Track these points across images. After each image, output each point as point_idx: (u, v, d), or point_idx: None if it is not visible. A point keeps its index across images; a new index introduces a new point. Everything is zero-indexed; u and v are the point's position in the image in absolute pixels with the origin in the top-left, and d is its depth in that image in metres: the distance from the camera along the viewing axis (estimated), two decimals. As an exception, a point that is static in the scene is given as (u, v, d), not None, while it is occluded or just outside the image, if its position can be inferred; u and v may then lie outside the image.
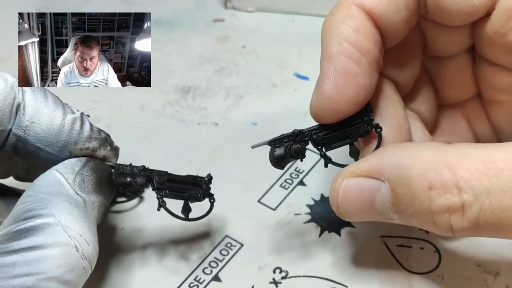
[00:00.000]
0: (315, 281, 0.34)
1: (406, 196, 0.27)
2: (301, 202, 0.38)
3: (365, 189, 0.29)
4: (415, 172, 0.27)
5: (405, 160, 0.27)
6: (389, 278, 0.33)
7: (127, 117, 0.43)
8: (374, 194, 0.28)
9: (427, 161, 0.27)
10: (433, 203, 0.27)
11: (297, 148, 0.30)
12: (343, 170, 0.29)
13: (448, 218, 0.27)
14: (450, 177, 0.26)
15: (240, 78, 0.46)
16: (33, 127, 0.30)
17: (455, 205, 0.26)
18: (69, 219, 0.28)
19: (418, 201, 0.27)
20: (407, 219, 0.28)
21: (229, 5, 0.52)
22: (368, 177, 0.28)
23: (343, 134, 0.31)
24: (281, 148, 0.30)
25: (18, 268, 0.26)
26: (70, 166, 0.30)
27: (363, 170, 0.29)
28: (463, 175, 0.26)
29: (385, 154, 0.28)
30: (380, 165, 0.28)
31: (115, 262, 0.35)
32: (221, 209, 0.37)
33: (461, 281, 0.33)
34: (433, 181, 0.27)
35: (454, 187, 0.26)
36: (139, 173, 0.32)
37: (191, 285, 0.34)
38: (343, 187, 0.29)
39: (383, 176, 0.28)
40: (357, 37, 0.29)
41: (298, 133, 0.30)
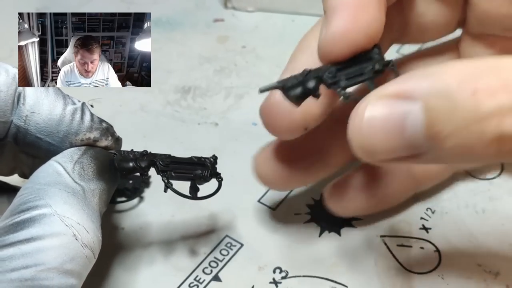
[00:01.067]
0: (315, 281, 0.34)
1: (445, 109, 0.23)
2: (301, 202, 0.38)
3: (394, 113, 0.24)
4: (454, 81, 0.23)
5: (439, 74, 0.24)
6: (389, 278, 0.33)
7: (127, 117, 0.43)
8: (404, 119, 0.24)
9: (465, 70, 0.24)
10: (481, 107, 0.23)
11: (313, 83, 0.28)
12: (367, 97, 0.25)
13: (499, 122, 0.23)
14: (496, 79, 0.23)
15: (240, 78, 0.46)
16: (33, 117, 0.30)
17: (507, 107, 0.23)
18: (66, 208, 0.27)
19: (461, 111, 0.23)
20: (442, 145, 0.24)
21: (229, 5, 0.52)
22: (397, 99, 0.24)
23: (357, 70, 0.28)
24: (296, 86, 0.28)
25: (16, 261, 0.25)
26: (69, 155, 0.30)
27: (390, 91, 0.24)
28: (510, 76, 0.23)
29: (414, 73, 0.24)
30: (409, 83, 0.24)
31: (115, 262, 0.35)
32: (221, 209, 0.37)
33: (461, 281, 0.33)
34: (478, 86, 0.23)
35: (503, 88, 0.23)
36: (141, 157, 0.31)
37: (191, 285, 0.34)
38: (367, 113, 0.24)
39: (414, 94, 0.24)
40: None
41: (309, 72, 0.28)
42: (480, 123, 0.23)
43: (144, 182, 0.39)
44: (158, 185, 0.39)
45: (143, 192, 0.39)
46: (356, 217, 0.36)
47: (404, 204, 0.37)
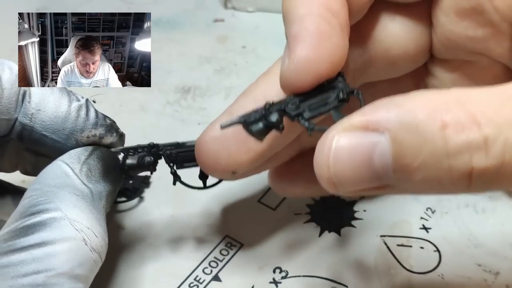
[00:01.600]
0: (315, 281, 0.34)
1: (413, 142, 0.23)
2: (301, 202, 0.38)
3: (361, 145, 0.23)
4: (422, 113, 0.22)
5: (407, 104, 0.23)
6: (389, 278, 0.33)
7: (127, 117, 0.43)
8: (372, 149, 0.23)
9: (433, 101, 0.23)
10: (450, 142, 0.22)
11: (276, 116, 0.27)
12: (333, 126, 0.24)
13: (469, 157, 0.22)
14: (466, 113, 0.22)
15: (240, 78, 0.46)
16: (39, 115, 0.30)
17: (476, 141, 0.22)
18: (76, 212, 0.27)
19: (430, 145, 0.22)
20: (410, 177, 0.23)
21: (229, 5, 0.52)
22: (364, 130, 0.23)
23: (321, 100, 0.27)
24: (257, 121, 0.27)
25: (27, 266, 0.25)
26: (76, 156, 0.30)
27: (358, 121, 0.24)
28: (479, 109, 0.22)
29: (381, 103, 0.24)
30: (377, 114, 0.23)
31: (115, 262, 0.35)
32: (221, 209, 0.37)
33: (461, 280, 0.33)
34: (447, 119, 0.22)
35: (473, 123, 0.22)
36: (147, 151, 0.31)
37: (191, 285, 0.34)
38: (335, 144, 0.24)
39: (381, 125, 0.23)
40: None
41: (271, 105, 0.27)
42: (449, 158, 0.22)
43: (144, 182, 0.39)
44: (158, 185, 0.39)
45: (143, 192, 0.39)
46: (356, 217, 0.36)
47: (404, 204, 0.37)
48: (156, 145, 0.32)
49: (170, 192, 0.38)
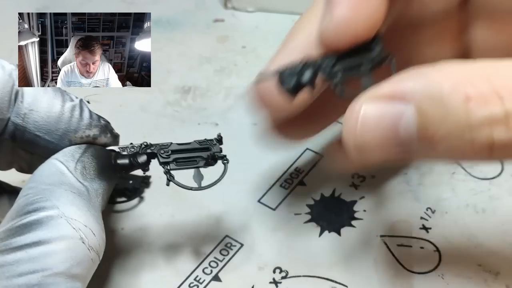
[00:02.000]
0: (315, 281, 0.34)
1: (438, 114, 0.24)
2: (301, 202, 0.38)
3: (388, 114, 0.24)
4: (446, 86, 0.23)
5: (433, 76, 0.24)
6: (389, 278, 0.33)
7: (127, 117, 0.43)
8: (398, 119, 0.24)
9: (458, 74, 0.24)
10: (473, 116, 0.23)
11: (309, 74, 0.27)
12: (361, 97, 0.25)
13: (490, 131, 0.23)
14: (489, 87, 0.23)
15: (240, 78, 0.46)
16: (31, 115, 0.29)
17: (498, 116, 0.23)
18: (73, 210, 0.27)
19: (453, 117, 0.23)
20: (433, 146, 0.24)
21: (229, 5, 0.52)
22: (391, 100, 0.24)
23: (355, 61, 0.28)
24: (292, 78, 0.27)
25: (23, 265, 0.25)
26: (70, 154, 0.29)
27: (385, 92, 0.25)
28: (502, 84, 0.23)
29: (407, 74, 0.25)
30: (403, 84, 0.24)
31: (114, 263, 0.35)
32: (221, 209, 0.37)
33: (461, 280, 0.33)
34: (470, 92, 0.23)
35: (495, 97, 0.23)
36: (140, 150, 0.31)
37: (191, 285, 0.34)
38: (362, 113, 0.25)
39: (407, 96, 0.24)
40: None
41: (307, 61, 0.28)
42: (471, 131, 0.23)
43: (144, 182, 0.39)
44: (158, 185, 0.39)
45: (143, 192, 0.39)
46: (356, 217, 0.36)
47: (404, 204, 0.37)
48: (149, 144, 0.31)
49: (170, 192, 0.38)
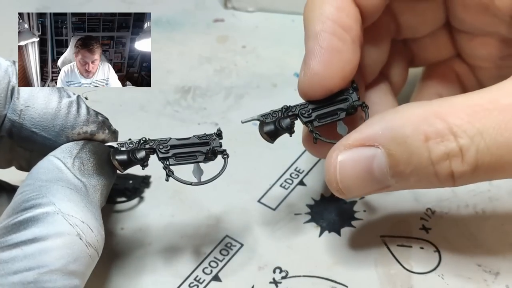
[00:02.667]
0: (315, 281, 0.34)
1: (403, 154, 0.28)
2: (301, 202, 0.38)
3: (361, 159, 0.29)
4: (408, 129, 0.27)
5: (395, 121, 0.28)
6: (389, 278, 0.33)
7: (127, 117, 0.43)
8: (371, 162, 0.29)
9: (417, 116, 0.28)
10: (432, 152, 0.27)
11: (287, 121, 0.31)
12: (335, 145, 0.30)
13: (449, 164, 0.27)
14: (444, 125, 0.27)
15: (240, 78, 0.46)
16: (28, 111, 0.29)
17: (454, 151, 0.27)
18: (70, 206, 0.27)
19: (417, 155, 0.27)
20: (406, 180, 0.29)
21: (229, 5, 0.52)
22: (362, 146, 0.29)
23: (331, 110, 0.32)
24: (270, 124, 0.31)
25: (18, 263, 0.25)
26: (68, 150, 0.29)
27: (356, 140, 0.29)
28: (455, 122, 0.27)
29: (374, 121, 0.29)
30: (372, 131, 0.28)
31: (114, 263, 0.35)
32: (221, 209, 0.37)
33: (461, 280, 0.33)
34: (428, 132, 0.27)
35: (449, 134, 0.27)
36: (138, 146, 0.30)
37: (191, 285, 0.34)
38: (339, 161, 0.29)
39: (376, 141, 0.28)
40: (339, 15, 0.31)
41: (287, 108, 0.32)
42: (434, 165, 0.27)
43: (144, 182, 0.39)
44: (158, 185, 0.39)
45: (143, 192, 0.39)
46: (356, 217, 0.36)
47: (404, 204, 0.37)
48: (147, 140, 0.31)
49: (170, 192, 0.38)
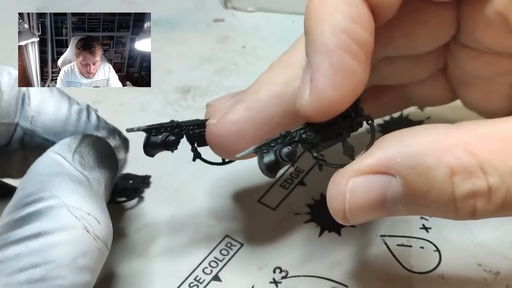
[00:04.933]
0: (315, 281, 0.34)
1: (423, 186, 0.25)
2: (301, 202, 0.38)
3: (374, 187, 0.25)
4: (430, 159, 0.24)
5: (416, 147, 0.24)
6: (389, 278, 0.33)
7: (127, 117, 0.43)
8: (384, 191, 0.25)
9: (441, 145, 0.24)
10: (457, 189, 0.24)
11: (288, 151, 0.27)
12: (345, 170, 0.26)
13: (473, 203, 0.24)
14: (473, 160, 0.24)
15: (240, 78, 0.46)
16: (39, 118, 0.29)
17: (482, 190, 0.24)
18: (74, 198, 0.26)
19: (438, 190, 0.24)
20: (418, 210, 0.26)
21: (229, 5, 0.52)
22: (376, 173, 0.25)
23: (334, 130, 0.28)
24: (270, 154, 0.27)
25: (24, 259, 0.24)
26: (66, 145, 0.28)
27: (369, 166, 0.25)
28: (485, 156, 0.24)
29: (391, 145, 0.25)
30: (388, 157, 0.25)
31: (114, 263, 0.35)
32: (221, 209, 0.37)
33: (461, 280, 0.33)
34: (454, 166, 0.24)
35: (479, 170, 0.24)
36: (170, 131, 0.31)
37: (191, 285, 0.34)
38: (349, 189, 0.25)
39: (393, 169, 0.25)
40: (354, 28, 0.26)
41: (286, 135, 0.27)
42: (456, 202, 0.25)
43: (144, 182, 0.39)
44: (158, 185, 0.39)
45: (143, 192, 0.39)
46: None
47: (404, 204, 0.37)
48: (178, 125, 0.31)
49: (170, 192, 0.38)
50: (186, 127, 0.31)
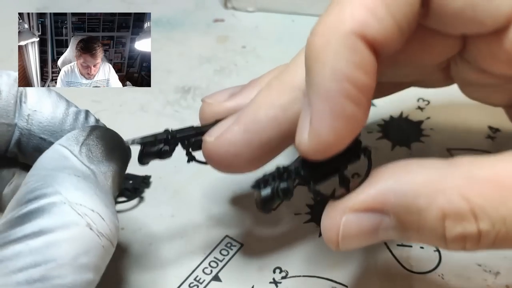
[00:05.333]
0: (315, 281, 0.34)
1: (415, 225, 0.26)
2: (301, 202, 0.38)
3: (367, 224, 0.26)
4: (423, 200, 0.25)
5: (409, 187, 0.25)
6: (389, 278, 0.33)
7: (127, 117, 0.43)
8: (377, 226, 0.26)
9: (434, 187, 0.25)
10: (448, 231, 0.25)
11: (285, 187, 0.28)
12: (339, 205, 0.27)
13: (463, 244, 0.26)
14: (465, 205, 0.25)
15: (240, 78, 0.46)
16: (35, 116, 0.29)
17: (472, 233, 0.25)
18: (78, 195, 0.25)
19: (430, 230, 0.26)
20: (409, 240, 0.27)
21: (229, 5, 0.52)
22: (370, 211, 0.26)
23: (332, 165, 0.28)
24: (267, 189, 0.28)
25: (23, 259, 0.23)
26: (74, 138, 0.28)
27: (363, 204, 0.26)
28: (478, 202, 0.25)
29: (386, 182, 0.26)
30: (382, 196, 0.26)
31: (113, 263, 0.35)
32: (221, 209, 0.37)
33: (461, 280, 0.33)
34: (447, 210, 0.25)
35: (470, 215, 0.25)
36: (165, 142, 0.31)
37: (191, 285, 0.34)
38: (343, 223, 0.26)
39: (386, 207, 0.26)
40: (357, 74, 0.25)
41: (283, 170, 0.28)
42: (446, 242, 0.26)
43: (144, 182, 0.39)
44: (158, 185, 0.39)
45: (143, 192, 0.39)
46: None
47: (404, 204, 0.37)
48: (173, 135, 0.31)
49: (170, 192, 0.38)
50: (181, 138, 0.31)
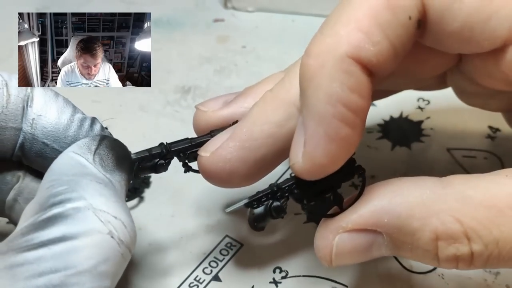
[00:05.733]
0: (315, 281, 0.34)
1: (408, 245, 0.26)
2: (301, 202, 0.38)
3: (360, 243, 0.27)
4: (417, 222, 0.25)
5: (402, 208, 0.26)
6: (389, 278, 0.33)
7: (127, 117, 0.43)
8: (370, 245, 0.27)
9: (428, 208, 0.25)
10: (441, 252, 0.26)
11: (278, 206, 0.28)
12: (332, 225, 0.27)
13: (456, 264, 0.26)
14: (458, 227, 0.25)
15: (240, 78, 0.46)
16: (40, 120, 0.28)
17: (464, 255, 0.25)
18: (102, 201, 0.25)
19: (423, 251, 0.26)
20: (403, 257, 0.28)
21: (229, 5, 0.52)
22: (363, 231, 0.26)
23: (325, 184, 0.28)
24: (260, 208, 0.28)
25: (44, 263, 0.23)
26: (86, 146, 0.28)
27: (357, 224, 0.26)
28: (471, 224, 0.25)
29: (378, 202, 0.26)
30: (375, 216, 0.26)
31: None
32: (221, 209, 0.37)
33: (461, 280, 0.33)
34: (440, 231, 0.25)
35: (463, 237, 0.25)
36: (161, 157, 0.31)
37: (191, 285, 0.34)
38: (336, 243, 0.27)
39: (380, 228, 0.26)
40: (352, 98, 0.25)
41: (276, 190, 0.28)
42: (439, 262, 0.26)
43: (144, 182, 0.39)
44: (158, 185, 0.39)
45: (143, 192, 0.39)
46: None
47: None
48: (168, 149, 0.31)
49: (170, 192, 0.38)
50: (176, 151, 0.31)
